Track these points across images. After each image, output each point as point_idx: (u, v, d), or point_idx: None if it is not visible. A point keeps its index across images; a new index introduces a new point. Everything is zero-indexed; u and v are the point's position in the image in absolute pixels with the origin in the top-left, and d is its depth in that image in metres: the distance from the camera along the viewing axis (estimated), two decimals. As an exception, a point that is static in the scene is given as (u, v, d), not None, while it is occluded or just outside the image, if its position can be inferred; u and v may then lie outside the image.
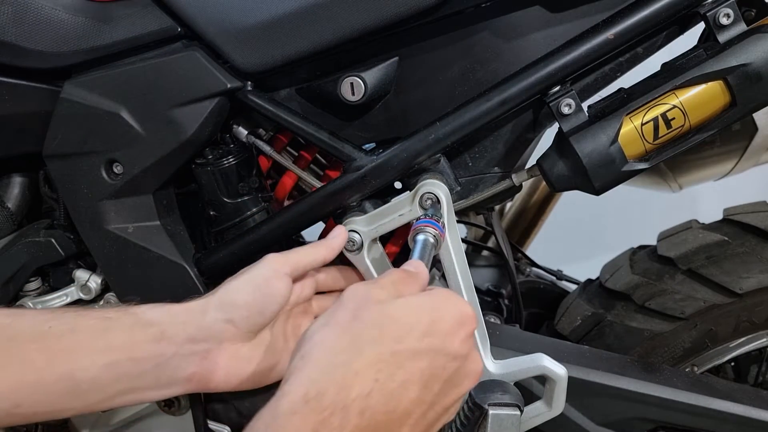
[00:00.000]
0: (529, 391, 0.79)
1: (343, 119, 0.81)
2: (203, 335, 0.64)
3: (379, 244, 0.77)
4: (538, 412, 0.76)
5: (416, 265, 0.62)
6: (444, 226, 0.70)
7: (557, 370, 0.73)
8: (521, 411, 0.70)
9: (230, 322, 0.65)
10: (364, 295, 0.56)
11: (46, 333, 0.61)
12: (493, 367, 0.76)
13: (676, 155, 0.72)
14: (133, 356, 0.62)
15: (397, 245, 0.86)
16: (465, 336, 0.57)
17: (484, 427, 0.69)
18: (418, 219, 0.70)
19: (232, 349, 0.66)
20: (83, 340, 0.61)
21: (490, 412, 0.69)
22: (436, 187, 0.72)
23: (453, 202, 0.75)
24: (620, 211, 1.70)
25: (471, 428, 0.70)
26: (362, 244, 0.75)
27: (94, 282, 0.89)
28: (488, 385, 0.73)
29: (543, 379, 0.75)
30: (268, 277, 0.68)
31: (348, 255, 0.76)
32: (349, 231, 0.75)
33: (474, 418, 0.70)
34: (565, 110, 0.72)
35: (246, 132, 0.81)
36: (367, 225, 0.75)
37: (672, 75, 0.71)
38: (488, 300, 1.14)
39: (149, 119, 0.78)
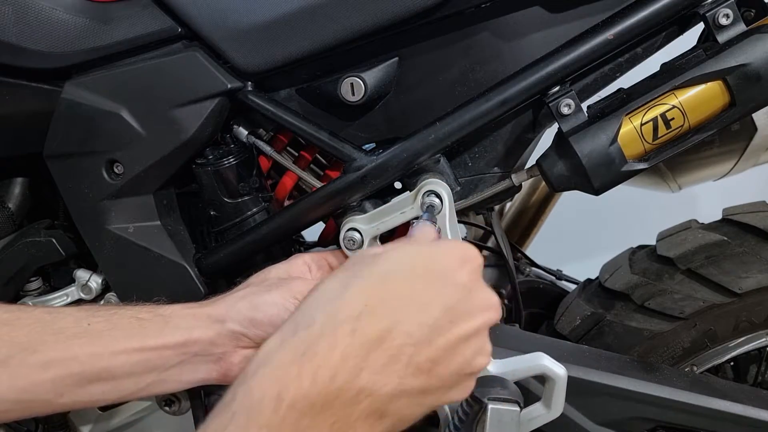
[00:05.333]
0: (527, 393, 0.78)
1: (343, 119, 0.81)
2: (222, 341, 0.69)
3: (379, 244, 0.77)
4: (537, 413, 0.75)
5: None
6: (439, 231, 0.70)
7: (557, 369, 0.73)
8: (521, 408, 0.70)
9: (246, 335, 0.69)
10: (362, 251, 0.58)
11: (87, 329, 0.65)
12: (492, 366, 0.76)
13: (675, 155, 0.72)
14: (162, 354, 0.66)
15: (397, 245, 0.86)
16: (470, 270, 0.56)
17: (483, 422, 0.69)
18: (415, 219, 0.70)
19: (245, 352, 0.70)
20: (120, 338, 0.65)
21: (490, 406, 0.69)
22: (438, 185, 0.72)
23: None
24: (620, 211, 1.70)
25: (470, 423, 0.70)
26: (363, 243, 0.75)
27: (95, 282, 0.89)
28: (487, 381, 0.73)
29: (542, 379, 0.75)
30: (290, 310, 0.69)
31: (348, 254, 0.77)
32: (350, 229, 0.75)
33: (473, 412, 0.70)
34: (565, 110, 0.72)
35: (246, 132, 0.82)
36: (368, 223, 0.75)
37: (671, 75, 0.71)
38: (488, 300, 1.14)
39: (150, 119, 0.78)
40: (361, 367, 0.49)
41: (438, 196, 0.72)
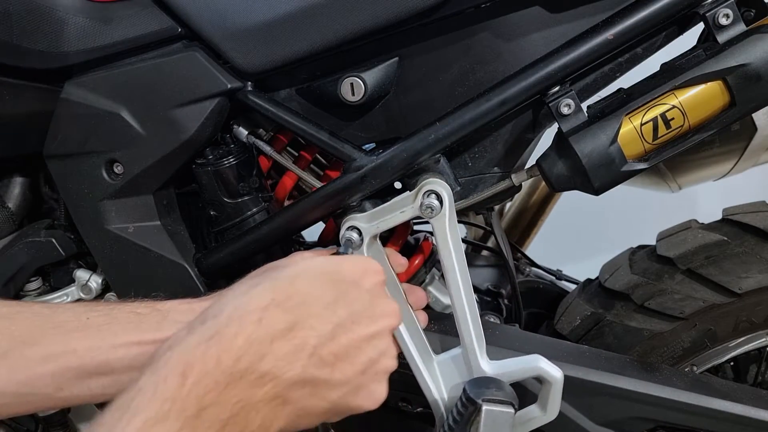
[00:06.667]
0: (525, 392, 0.78)
1: (343, 119, 0.81)
2: None
3: (379, 243, 0.77)
4: (533, 415, 0.75)
5: None
6: None
7: (553, 372, 0.73)
8: (515, 409, 0.70)
9: None
10: (273, 263, 0.62)
11: (86, 323, 0.65)
12: (489, 367, 0.76)
13: (675, 155, 0.72)
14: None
15: (397, 244, 0.86)
16: (372, 281, 0.61)
17: (477, 423, 0.69)
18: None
19: None
20: (119, 332, 0.66)
21: (484, 407, 0.69)
22: (438, 185, 0.72)
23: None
24: (620, 211, 1.70)
25: (464, 424, 0.70)
26: (362, 241, 0.75)
27: (95, 282, 0.89)
28: (483, 382, 0.73)
29: (539, 381, 0.75)
30: None
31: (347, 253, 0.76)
32: (350, 228, 0.75)
33: (467, 413, 0.70)
34: (565, 110, 0.72)
35: (246, 132, 0.82)
36: (368, 222, 0.75)
37: (671, 75, 0.71)
38: (488, 300, 1.14)
39: (149, 119, 0.78)
40: (265, 353, 0.53)
41: (438, 196, 0.72)
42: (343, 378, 0.57)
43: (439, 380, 0.78)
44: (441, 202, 0.72)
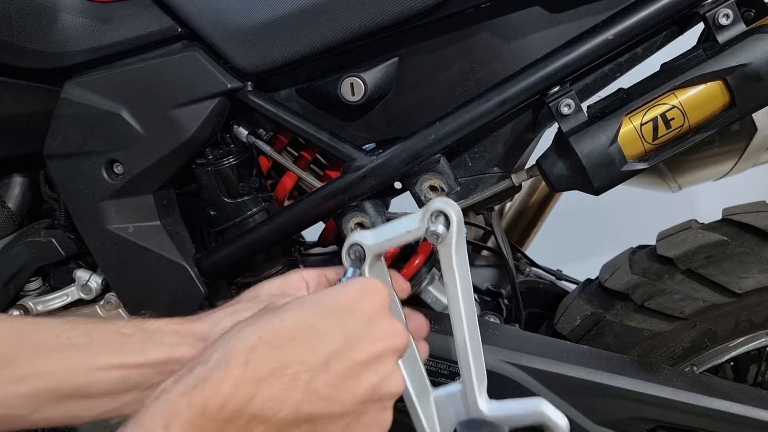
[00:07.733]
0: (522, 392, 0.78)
1: (343, 119, 0.81)
2: None
3: (383, 263, 0.73)
4: None
5: None
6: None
7: (558, 420, 0.66)
8: None
9: None
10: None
11: (66, 343, 0.62)
12: (487, 408, 0.68)
13: (675, 155, 0.72)
14: (143, 372, 0.63)
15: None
16: (372, 301, 0.57)
17: None
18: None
19: None
20: (99, 354, 0.63)
21: None
22: (447, 205, 0.65)
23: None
24: (620, 211, 1.70)
25: None
26: (365, 258, 0.68)
27: (95, 282, 0.89)
28: (475, 425, 0.68)
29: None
30: None
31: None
32: (353, 244, 0.68)
33: None
34: (565, 110, 0.72)
35: (246, 132, 0.82)
36: (372, 240, 0.68)
37: (671, 75, 0.71)
38: (488, 300, 1.14)
39: (150, 119, 0.78)
40: (252, 395, 0.50)
41: (446, 217, 0.64)
42: (344, 409, 0.53)
43: (434, 419, 0.70)
44: (448, 224, 0.64)
